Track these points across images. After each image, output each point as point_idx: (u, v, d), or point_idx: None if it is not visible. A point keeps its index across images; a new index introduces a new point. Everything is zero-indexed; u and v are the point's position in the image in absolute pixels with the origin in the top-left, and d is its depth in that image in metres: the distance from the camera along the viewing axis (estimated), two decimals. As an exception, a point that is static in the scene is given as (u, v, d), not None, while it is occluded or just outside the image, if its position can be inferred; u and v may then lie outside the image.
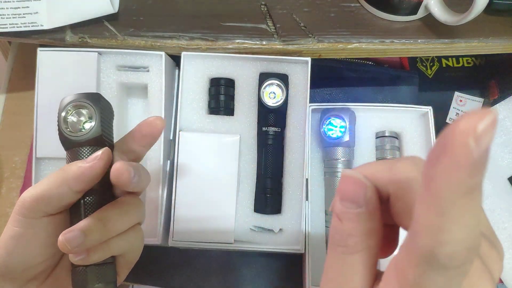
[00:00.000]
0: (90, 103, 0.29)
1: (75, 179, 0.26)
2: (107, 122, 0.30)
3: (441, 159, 0.14)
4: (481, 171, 0.13)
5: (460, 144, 0.13)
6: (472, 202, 0.14)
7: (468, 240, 0.14)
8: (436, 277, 0.15)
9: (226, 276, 0.48)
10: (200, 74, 0.45)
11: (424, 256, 0.15)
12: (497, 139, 0.50)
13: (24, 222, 0.27)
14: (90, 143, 0.29)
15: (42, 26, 0.42)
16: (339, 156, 0.44)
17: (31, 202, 0.27)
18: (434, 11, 0.41)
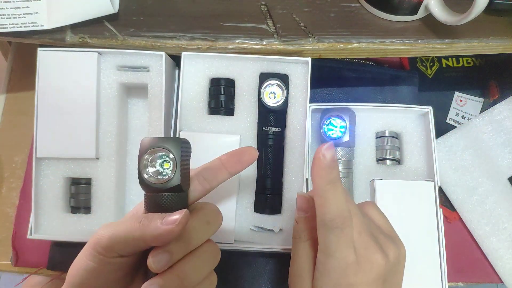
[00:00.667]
0: (172, 151, 0.28)
1: (152, 238, 0.27)
2: (186, 165, 0.30)
3: (313, 166, 0.28)
4: (334, 170, 0.28)
5: (317, 158, 0.28)
6: (335, 188, 0.28)
7: (338, 210, 0.28)
8: (330, 236, 0.28)
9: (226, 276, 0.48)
10: (200, 74, 0.45)
11: (321, 223, 0.29)
12: (497, 139, 0.50)
13: (98, 258, 0.28)
14: (168, 190, 0.29)
15: (42, 26, 0.42)
16: (339, 156, 0.44)
17: (108, 242, 0.28)
18: (434, 11, 0.41)
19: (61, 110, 0.43)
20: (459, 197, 0.50)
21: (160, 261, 0.27)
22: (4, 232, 0.50)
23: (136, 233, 0.27)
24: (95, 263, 0.28)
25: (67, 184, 0.45)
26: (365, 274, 0.29)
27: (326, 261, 0.29)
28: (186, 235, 0.28)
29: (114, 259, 0.29)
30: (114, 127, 0.45)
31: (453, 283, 0.49)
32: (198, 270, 0.29)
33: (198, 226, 0.29)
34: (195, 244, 0.29)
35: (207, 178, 0.33)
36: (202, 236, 0.29)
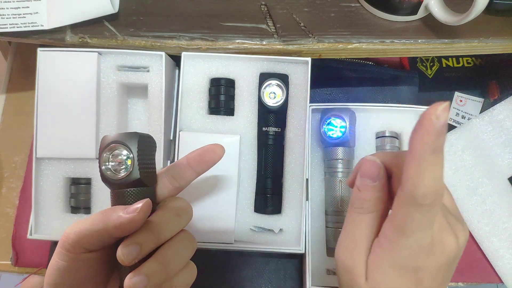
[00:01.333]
0: (127, 145, 0.28)
1: (115, 227, 0.27)
2: (147, 160, 0.29)
3: (417, 130, 0.23)
4: (441, 137, 0.22)
5: (428, 119, 0.22)
6: (437, 159, 0.23)
7: (434, 185, 0.23)
8: (415, 213, 0.24)
9: (226, 276, 0.48)
10: (200, 74, 0.45)
11: (407, 198, 0.24)
12: (497, 139, 0.50)
13: (67, 256, 0.28)
14: (130, 185, 0.28)
15: (42, 26, 0.42)
16: (339, 156, 0.44)
17: (74, 238, 0.28)
18: (434, 11, 0.41)
19: (61, 110, 0.43)
20: (459, 197, 0.50)
21: (130, 253, 0.26)
22: (4, 232, 0.50)
23: (100, 225, 0.27)
24: (65, 262, 0.28)
25: (67, 184, 0.45)
26: (436, 258, 0.26)
27: (397, 239, 0.25)
28: (155, 226, 0.28)
29: (83, 255, 0.28)
30: (114, 127, 0.45)
31: (453, 283, 0.49)
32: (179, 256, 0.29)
33: (167, 218, 0.29)
34: (165, 235, 0.29)
35: (175, 176, 0.32)
36: (172, 227, 0.29)
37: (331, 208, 0.44)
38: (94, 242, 0.28)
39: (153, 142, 0.31)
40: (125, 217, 0.27)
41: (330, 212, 0.44)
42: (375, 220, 0.28)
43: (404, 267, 0.26)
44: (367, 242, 0.28)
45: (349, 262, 0.28)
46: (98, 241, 0.28)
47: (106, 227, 0.27)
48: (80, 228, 0.28)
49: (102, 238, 0.28)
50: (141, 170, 0.28)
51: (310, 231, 0.43)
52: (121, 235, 0.28)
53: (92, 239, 0.28)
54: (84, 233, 0.28)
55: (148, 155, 0.30)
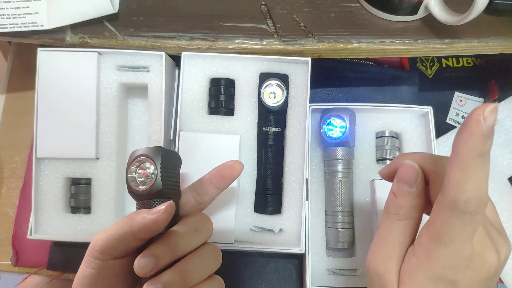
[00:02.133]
0: (151, 158, 0.30)
1: (140, 228, 0.28)
2: (170, 173, 0.31)
3: (463, 131, 0.21)
4: (489, 141, 0.21)
5: (475, 121, 0.20)
6: (483, 163, 0.22)
7: (478, 191, 0.22)
8: (456, 221, 0.23)
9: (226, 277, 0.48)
10: (200, 74, 0.45)
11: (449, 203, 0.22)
12: (497, 139, 0.50)
13: (94, 263, 0.29)
14: (154, 196, 0.30)
15: (42, 26, 0.42)
16: (339, 156, 0.44)
17: (101, 245, 0.28)
18: (434, 11, 0.41)
19: (61, 110, 0.43)
20: (459, 197, 0.50)
21: (146, 266, 0.27)
22: (4, 232, 0.50)
23: (125, 228, 0.28)
24: (93, 269, 0.29)
25: (67, 184, 0.45)
26: (474, 273, 0.25)
27: (435, 248, 0.24)
28: (173, 240, 0.29)
29: (110, 261, 0.29)
30: (114, 127, 0.45)
31: (453, 283, 0.49)
32: (199, 269, 0.29)
33: (185, 232, 0.29)
34: (182, 249, 0.29)
35: (199, 192, 0.33)
36: (190, 242, 0.29)
37: (331, 208, 0.44)
38: (120, 247, 0.29)
39: (177, 158, 0.33)
40: (149, 217, 0.27)
41: (330, 212, 0.45)
42: (410, 228, 0.27)
43: (440, 279, 0.25)
44: (401, 249, 0.27)
45: (381, 269, 0.27)
46: (124, 245, 0.29)
47: (131, 229, 0.28)
48: (107, 234, 0.29)
49: (128, 242, 0.28)
50: (164, 181, 0.30)
51: (310, 231, 0.43)
52: (146, 236, 0.28)
53: (119, 244, 0.28)
54: (111, 238, 0.28)
55: (172, 169, 0.32)
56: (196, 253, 0.30)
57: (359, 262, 0.44)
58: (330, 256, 0.45)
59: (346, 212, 0.44)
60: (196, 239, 0.30)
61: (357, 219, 0.45)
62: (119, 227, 0.28)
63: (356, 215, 0.45)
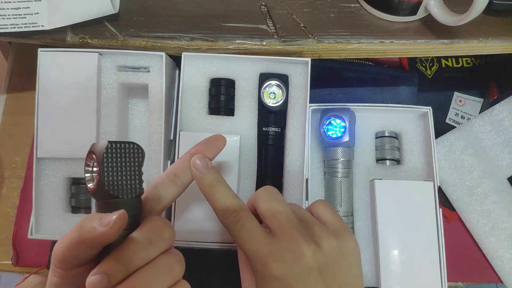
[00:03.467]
0: (95, 155, 0.27)
1: (89, 240, 0.26)
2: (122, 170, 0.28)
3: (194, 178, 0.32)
4: (207, 175, 0.31)
5: (192, 170, 0.32)
6: (217, 187, 0.31)
7: (224, 205, 0.31)
8: (230, 230, 0.31)
9: (226, 276, 0.48)
10: (200, 74, 0.45)
11: (219, 219, 0.31)
12: (497, 139, 0.50)
13: (58, 272, 0.28)
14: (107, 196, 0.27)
15: (42, 26, 0.42)
16: (339, 156, 0.44)
17: (60, 254, 0.27)
18: (433, 11, 0.41)
19: (62, 110, 0.43)
20: (458, 197, 0.50)
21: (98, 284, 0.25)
22: (4, 232, 0.50)
23: (76, 238, 0.26)
24: (58, 278, 0.28)
25: (68, 184, 0.45)
26: (289, 266, 0.28)
27: (247, 257, 0.30)
28: (125, 255, 0.26)
29: (73, 271, 0.27)
30: (114, 127, 0.45)
31: (452, 283, 0.49)
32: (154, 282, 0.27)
33: (139, 245, 0.27)
34: (136, 265, 0.27)
35: (176, 173, 0.32)
36: (144, 256, 0.27)
37: (331, 208, 0.45)
38: (78, 256, 0.27)
39: (135, 151, 0.29)
40: (99, 231, 0.25)
41: (330, 212, 0.45)
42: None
43: (268, 280, 0.29)
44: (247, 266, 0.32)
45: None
46: (81, 255, 0.27)
47: (82, 239, 0.26)
48: (63, 243, 0.27)
49: (83, 251, 0.27)
50: (108, 180, 0.27)
51: (310, 231, 0.43)
52: (98, 247, 0.27)
53: (75, 253, 0.27)
54: (67, 247, 0.27)
55: (124, 165, 0.28)
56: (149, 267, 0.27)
57: (359, 262, 0.44)
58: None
59: (346, 212, 0.44)
60: (151, 252, 0.27)
61: (357, 219, 0.45)
62: (72, 236, 0.26)
63: (356, 215, 0.45)
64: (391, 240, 0.42)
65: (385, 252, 0.42)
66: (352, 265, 0.31)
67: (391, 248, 0.42)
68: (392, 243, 0.42)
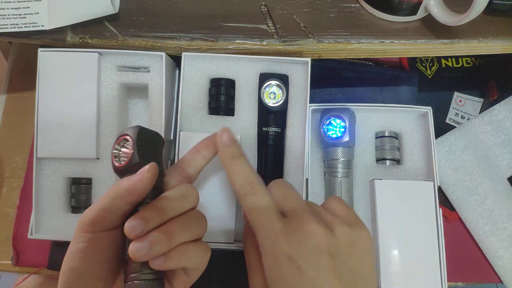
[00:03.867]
0: (129, 134, 0.32)
1: (127, 191, 0.28)
2: (149, 150, 0.32)
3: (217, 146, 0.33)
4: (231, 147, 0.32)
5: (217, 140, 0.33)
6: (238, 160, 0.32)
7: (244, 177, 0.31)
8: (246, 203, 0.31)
9: (226, 276, 0.48)
10: (200, 74, 0.45)
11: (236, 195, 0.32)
12: (496, 139, 0.50)
13: (84, 237, 0.29)
14: (135, 170, 0.30)
15: (42, 26, 0.42)
16: (339, 156, 0.44)
17: (90, 217, 0.29)
18: (433, 11, 0.41)
19: (62, 110, 0.43)
20: (458, 197, 0.50)
21: (136, 227, 0.27)
22: (4, 232, 0.50)
23: (112, 194, 0.29)
24: (83, 243, 0.29)
25: (68, 184, 0.45)
26: (301, 244, 0.28)
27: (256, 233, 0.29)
28: (161, 204, 0.29)
29: (100, 234, 0.29)
30: (114, 127, 0.45)
31: (452, 283, 0.49)
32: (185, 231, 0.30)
33: (174, 197, 0.30)
34: (170, 213, 0.30)
35: (184, 166, 0.35)
36: (177, 206, 0.30)
37: (331, 208, 0.45)
38: (110, 216, 0.29)
39: (159, 138, 0.35)
40: (135, 178, 0.29)
41: (330, 212, 0.45)
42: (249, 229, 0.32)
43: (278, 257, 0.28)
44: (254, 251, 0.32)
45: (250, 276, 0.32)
46: (114, 213, 0.29)
47: (119, 193, 0.28)
48: (95, 206, 0.29)
49: (117, 208, 0.29)
50: (141, 156, 0.31)
51: (310, 231, 0.43)
52: (133, 199, 0.29)
53: (108, 213, 0.29)
54: (99, 208, 0.29)
55: (151, 146, 0.33)
56: (183, 216, 0.31)
57: (359, 262, 0.44)
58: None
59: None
60: (183, 204, 0.31)
61: (357, 219, 0.45)
62: (107, 196, 0.29)
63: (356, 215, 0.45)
64: (391, 240, 0.42)
65: (385, 252, 0.42)
66: (365, 256, 0.30)
67: (391, 248, 0.42)
68: (392, 243, 0.42)
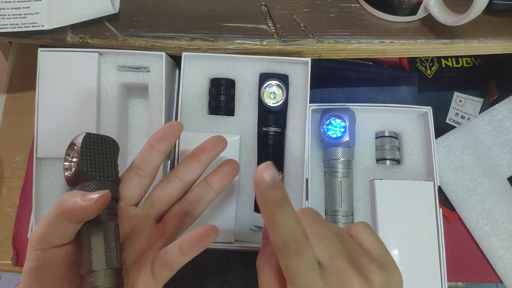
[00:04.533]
0: (75, 143, 0.31)
1: (68, 211, 0.27)
2: (98, 157, 0.31)
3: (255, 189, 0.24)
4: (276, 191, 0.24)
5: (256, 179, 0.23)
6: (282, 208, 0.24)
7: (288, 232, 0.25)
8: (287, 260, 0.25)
9: (226, 276, 0.48)
10: (200, 74, 0.45)
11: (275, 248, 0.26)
12: (496, 139, 0.50)
13: (34, 255, 0.28)
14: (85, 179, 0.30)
15: (42, 26, 0.42)
16: (339, 156, 0.44)
17: (37, 233, 0.28)
18: (433, 11, 0.41)
19: (62, 110, 0.43)
20: (458, 197, 0.50)
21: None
22: (4, 232, 0.50)
23: (57, 211, 0.27)
24: (34, 261, 0.28)
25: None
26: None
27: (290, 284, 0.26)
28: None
29: (50, 251, 0.28)
30: (114, 127, 0.45)
31: (452, 283, 0.49)
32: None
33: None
34: None
35: (139, 166, 0.33)
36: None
37: (331, 208, 0.45)
38: (56, 233, 0.28)
39: (111, 144, 0.32)
40: (80, 203, 0.27)
41: (330, 212, 0.45)
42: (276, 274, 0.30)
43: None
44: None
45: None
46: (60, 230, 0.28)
47: (61, 210, 0.27)
48: (42, 222, 0.28)
49: (62, 226, 0.27)
50: (88, 164, 0.30)
51: (310, 231, 0.43)
52: (77, 221, 0.28)
53: (54, 229, 0.28)
54: (45, 225, 0.28)
55: (100, 153, 0.31)
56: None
57: (359, 262, 0.44)
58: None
59: (346, 212, 0.44)
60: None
61: (357, 219, 0.45)
62: (52, 211, 0.28)
63: (356, 215, 0.45)
64: (391, 240, 0.42)
65: (385, 252, 0.42)
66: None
67: (391, 248, 0.42)
68: (392, 243, 0.42)
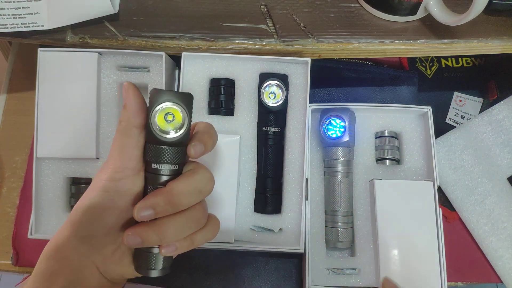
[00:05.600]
0: (185, 109, 0.28)
1: (132, 112, 0.29)
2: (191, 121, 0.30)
3: None
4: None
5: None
6: None
7: None
8: None
9: (226, 276, 0.48)
10: (200, 74, 0.45)
11: None
12: (496, 139, 0.50)
13: (107, 185, 0.30)
14: (173, 144, 0.29)
15: (42, 26, 0.42)
16: (339, 156, 0.44)
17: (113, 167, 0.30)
18: (433, 11, 0.41)
19: (62, 110, 0.43)
20: (458, 197, 0.50)
21: (143, 214, 0.28)
22: (4, 232, 0.50)
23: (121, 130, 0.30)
24: (104, 191, 0.29)
25: (68, 184, 0.45)
26: None
27: None
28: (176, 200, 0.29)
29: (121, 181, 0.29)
30: (114, 127, 0.45)
31: (452, 283, 0.49)
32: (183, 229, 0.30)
33: (189, 193, 0.30)
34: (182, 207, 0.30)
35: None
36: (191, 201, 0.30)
37: (330, 207, 0.45)
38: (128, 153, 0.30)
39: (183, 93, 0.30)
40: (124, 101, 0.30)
41: (330, 211, 0.45)
42: None
43: None
44: None
45: None
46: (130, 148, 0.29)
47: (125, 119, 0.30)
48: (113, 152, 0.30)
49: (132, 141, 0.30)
50: (187, 133, 0.29)
51: (309, 231, 0.43)
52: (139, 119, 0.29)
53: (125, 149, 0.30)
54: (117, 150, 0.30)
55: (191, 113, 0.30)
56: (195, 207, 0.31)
57: (358, 262, 0.44)
58: (329, 256, 0.45)
59: (346, 212, 0.44)
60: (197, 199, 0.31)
61: (357, 218, 0.45)
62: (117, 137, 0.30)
63: (356, 214, 0.45)
64: (391, 240, 0.42)
65: (385, 252, 0.42)
66: None
67: (391, 248, 0.42)
68: (392, 243, 0.42)
